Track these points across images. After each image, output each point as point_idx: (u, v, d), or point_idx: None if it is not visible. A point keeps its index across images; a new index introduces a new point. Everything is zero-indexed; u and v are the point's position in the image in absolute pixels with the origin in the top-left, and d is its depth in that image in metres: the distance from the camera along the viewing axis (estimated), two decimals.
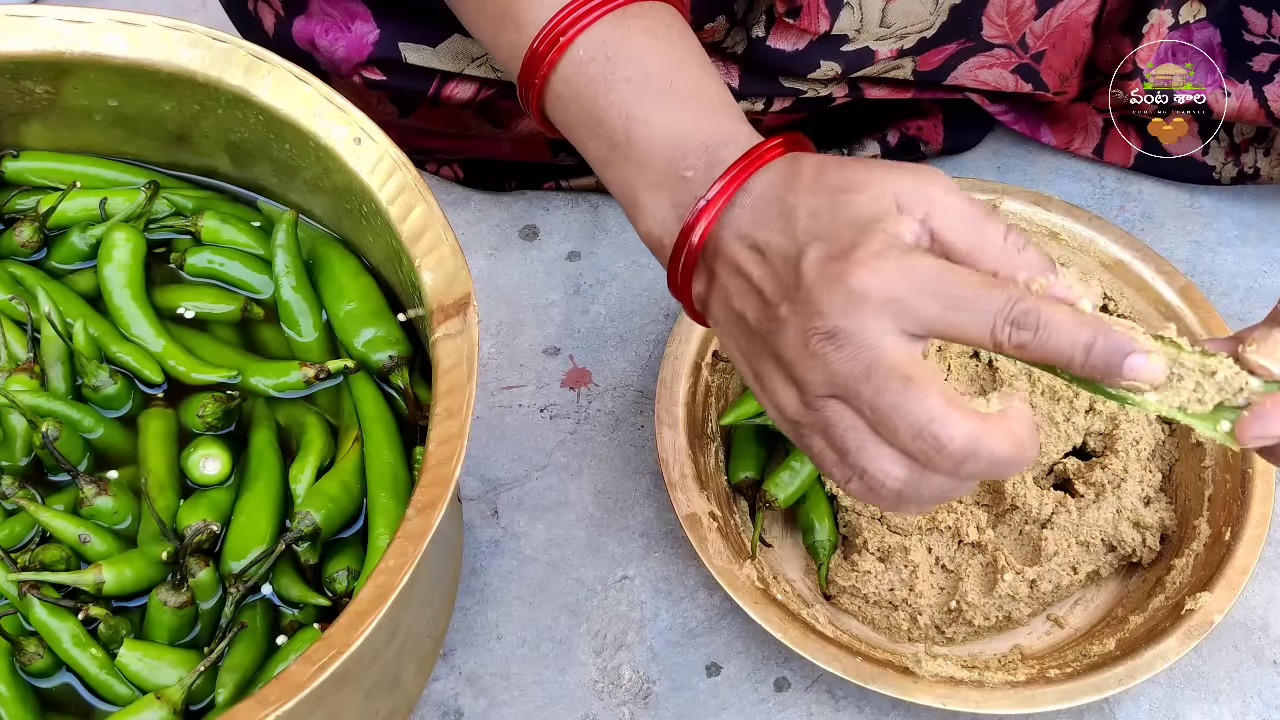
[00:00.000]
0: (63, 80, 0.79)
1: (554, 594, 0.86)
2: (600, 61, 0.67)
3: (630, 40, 0.68)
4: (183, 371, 0.77)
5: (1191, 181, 1.03)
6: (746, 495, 0.86)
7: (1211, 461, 0.85)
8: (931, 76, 0.93)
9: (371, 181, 0.74)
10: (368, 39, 0.87)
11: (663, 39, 0.68)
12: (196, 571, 0.70)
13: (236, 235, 0.82)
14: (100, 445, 0.75)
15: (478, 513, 0.89)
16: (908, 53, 0.89)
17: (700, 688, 0.83)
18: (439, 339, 0.69)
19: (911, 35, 0.88)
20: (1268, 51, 0.93)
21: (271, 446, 0.75)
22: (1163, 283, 0.91)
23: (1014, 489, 0.83)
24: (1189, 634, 0.78)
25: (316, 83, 0.76)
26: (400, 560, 0.62)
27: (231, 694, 0.68)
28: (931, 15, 0.87)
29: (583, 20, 0.68)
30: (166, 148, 0.84)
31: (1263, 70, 0.93)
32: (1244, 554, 0.80)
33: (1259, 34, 0.92)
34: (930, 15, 0.87)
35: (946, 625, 0.83)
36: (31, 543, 0.72)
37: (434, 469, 0.65)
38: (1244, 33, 0.92)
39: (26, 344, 0.76)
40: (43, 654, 0.68)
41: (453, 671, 0.83)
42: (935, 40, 0.89)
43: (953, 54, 0.91)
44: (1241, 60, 0.93)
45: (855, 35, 0.86)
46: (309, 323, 0.79)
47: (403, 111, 0.93)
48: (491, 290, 0.98)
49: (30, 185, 0.84)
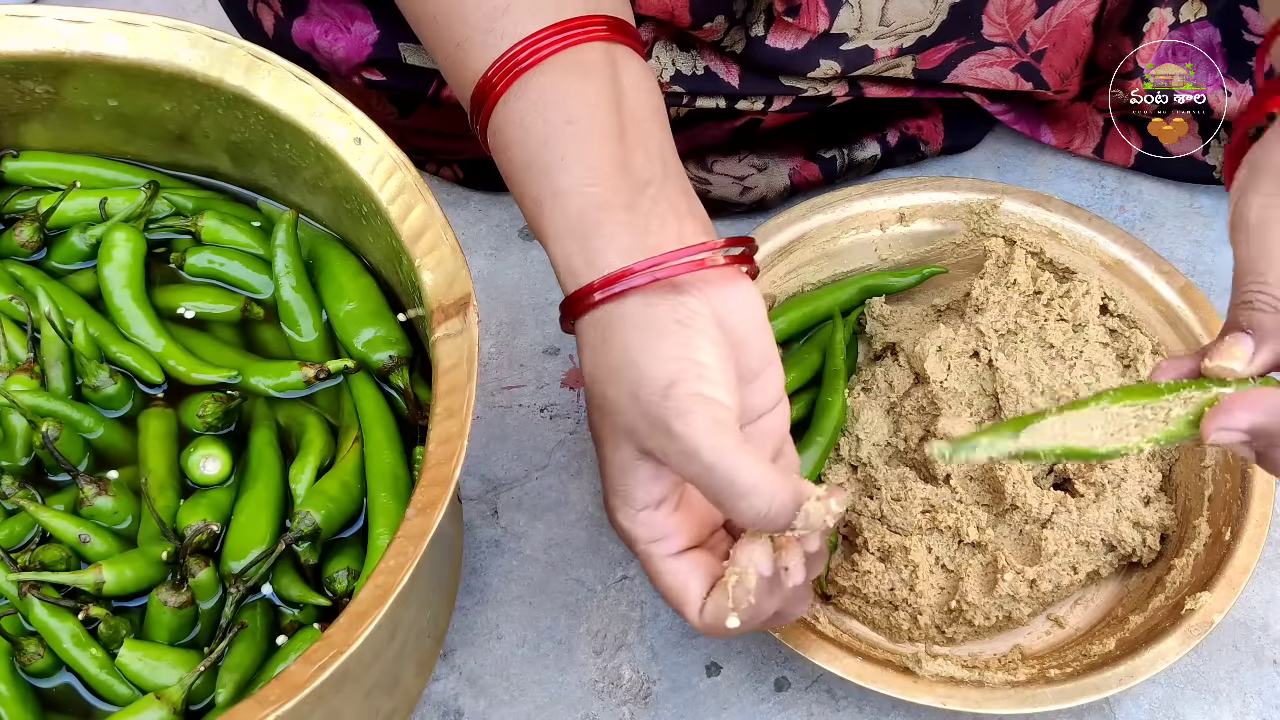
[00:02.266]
0: (63, 80, 0.79)
1: (554, 594, 0.86)
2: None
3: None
4: (183, 371, 0.77)
5: (1192, 181, 1.03)
6: None
7: (1212, 461, 0.85)
8: (932, 75, 0.93)
9: (371, 181, 0.74)
10: (367, 39, 0.87)
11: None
12: (196, 571, 0.70)
13: (236, 235, 0.82)
14: (100, 445, 0.75)
15: (478, 513, 0.89)
16: (907, 51, 0.89)
17: (700, 688, 0.83)
18: (439, 339, 0.69)
19: (911, 33, 0.88)
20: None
21: (271, 446, 0.75)
22: (1163, 282, 0.91)
23: (1014, 489, 0.83)
24: (1189, 634, 0.78)
25: (316, 83, 0.76)
26: (400, 560, 0.62)
27: (231, 694, 0.68)
28: (931, 14, 0.87)
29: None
30: (166, 148, 0.84)
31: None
32: (1244, 554, 0.80)
33: (1259, 33, 0.92)
34: (930, 14, 0.87)
35: (947, 625, 0.83)
36: (31, 543, 0.72)
37: (434, 469, 0.65)
38: (1244, 32, 0.92)
39: (26, 344, 0.76)
40: (43, 654, 0.68)
41: (453, 671, 0.83)
42: (935, 39, 0.89)
43: (953, 52, 0.91)
44: (1242, 60, 0.93)
45: (855, 34, 0.86)
46: (309, 323, 0.79)
47: (402, 112, 0.93)
48: (491, 290, 0.98)
49: (30, 185, 0.84)
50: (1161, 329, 0.90)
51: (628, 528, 0.65)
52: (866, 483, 0.85)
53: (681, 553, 0.66)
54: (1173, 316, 0.90)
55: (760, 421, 0.67)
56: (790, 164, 0.99)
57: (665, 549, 0.65)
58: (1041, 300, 0.89)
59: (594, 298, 0.62)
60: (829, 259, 0.94)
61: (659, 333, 0.61)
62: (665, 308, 0.61)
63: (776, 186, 0.99)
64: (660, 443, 0.61)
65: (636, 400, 0.61)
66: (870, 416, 0.87)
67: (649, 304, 0.62)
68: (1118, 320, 0.91)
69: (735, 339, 0.64)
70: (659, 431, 0.60)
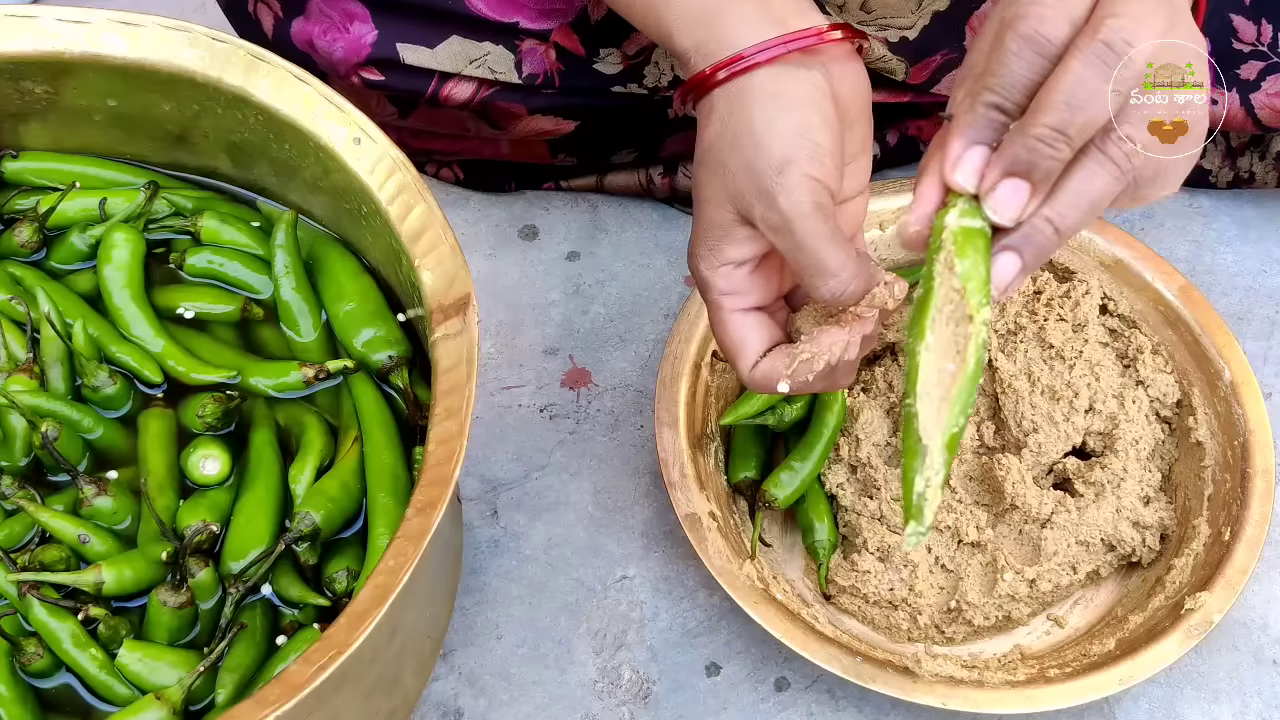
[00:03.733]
0: (62, 80, 0.79)
1: (554, 594, 0.86)
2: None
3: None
4: (182, 372, 0.77)
5: (1187, 184, 1.03)
6: (746, 495, 0.86)
7: (1211, 461, 0.85)
8: (923, 88, 0.93)
9: (371, 181, 0.74)
10: (366, 39, 0.87)
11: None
12: (196, 572, 0.70)
13: (236, 235, 0.82)
14: (100, 445, 0.75)
15: (477, 513, 0.89)
16: (895, 49, 0.89)
17: (700, 687, 0.83)
18: (438, 339, 0.69)
19: (893, 29, 0.88)
20: (1256, 59, 0.93)
21: (271, 447, 0.75)
22: (1162, 282, 0.91)
23: (1014, 489, 0.83)
24: (1189, 634, 0.78)
25: (316, 83, 0.76)
26: (400, 560, 0.62)
27: (231, 694, 0.68)
28: (914, 16, 0.87)
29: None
30: (166, 148, 0.84)
31: (1250, 78, 0.93)
32: (1243, 554, 0.80)
33: (1248, 42, 0.93)
34: (912, 14, 0.87)
35: (946, 625, 0.83)
36: (31, 543, 0.72)
37: (433, 469, 0.65)
38: (1233, 40, 0.93)
39: (26, 344, 0.76)
40: (42, 654, 0.68)
41: (452, 672, 0.83)
42: (919, 45, 0.89)
43: (939, 65, 0.92)
44: (1230, 68, 0.93)
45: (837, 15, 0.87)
46: (308, 323, 0.79)
47: (402, 112, 0.93)
48: (491, 290, 0.98)
49: (30, 185, 0.84)
50: (1161, 329, 0.90)
51: (707, 276, 0.69)
52: (866, 483, 0.85)
53: (749, 310, 0.69)
54: (1172, 316, 0.90)
55: (847, 205, 0.70)
56: None
57: (736, 303, 0.69)
58: (1041, 300, 0.90)
59: (732, 69, 0.66)
60: None
61: (783, 106, 0.65)
62: (792, 82, 0.65)
63: None
64: (764, 213, 0.65)
65: (752, 171, 0.65)
66: (870, 416, 0.87)
67: (777, 77, 0.65)
68: (1117, 320, 0.91)
69: (846, 118, 0.67)
70: (764, 203, 0.65)
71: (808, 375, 0.67)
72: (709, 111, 0.68)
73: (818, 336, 0.67)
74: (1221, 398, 0.86)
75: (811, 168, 0.64)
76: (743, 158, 0.65)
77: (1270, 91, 0.92)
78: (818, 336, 0.67)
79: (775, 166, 0.64)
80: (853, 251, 0.65)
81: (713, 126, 0.67)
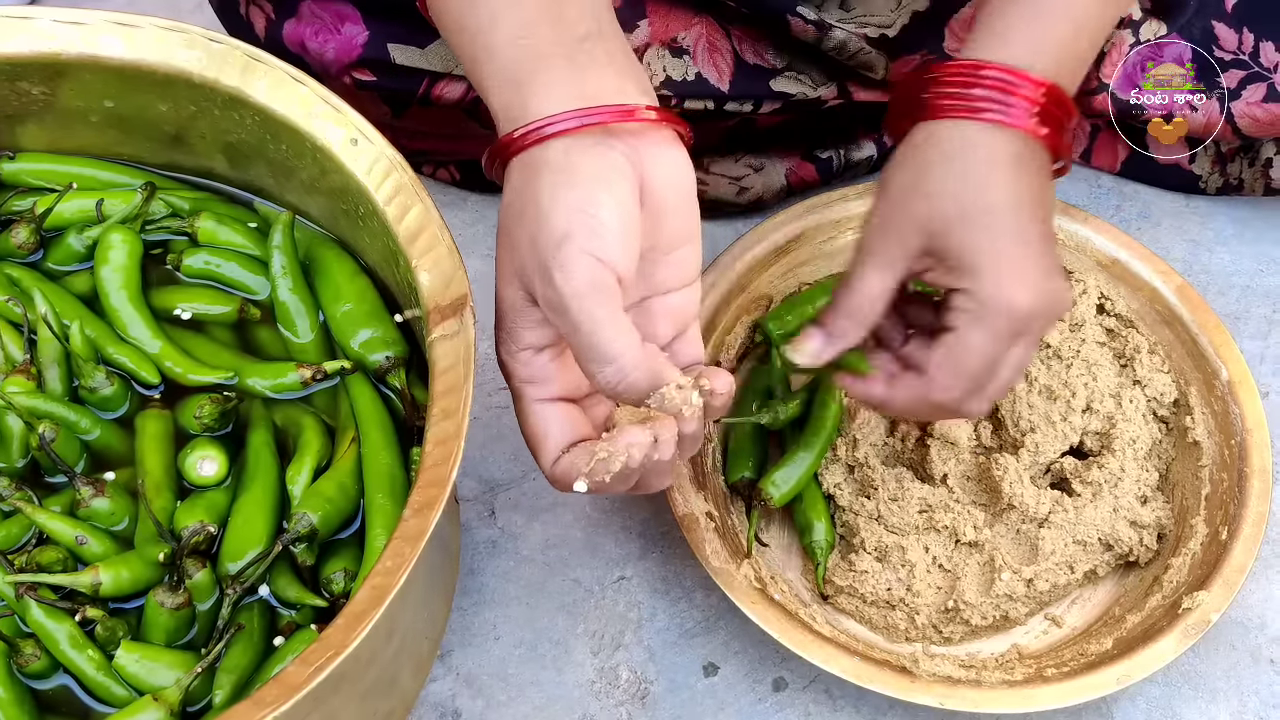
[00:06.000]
0: (59, 81, 0.79)
1: (551, 594, 0.86)
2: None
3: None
4: (179, 373, 0.77)
5: (1177, 190, 1.03)
6: (744, 495, 0.86)
7: (1208, 460, 0.85)
8: None
9: (368, 182, 0.74)
10: (357, 40, 0.87)
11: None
12: (193, 573, 0.70)
13: (233, 236, 0.82)
14: (97, 447, 0.75)
15: (475, 513, 0.89)
16: (874, 44, 0.89)
17: (698, 688, 0.83)
18: (436, 340, 0.69)
19: (872, 25, 0.88)
20: (1237, 68, 0.93)
21: (268, 447, 0.75)
22: (1159, 282, 0.91)
23: (1011, 488, 0.83)
24: (1186, 633, 0.78)
25: (313, 83, 0.76)
26: (397, 561, 0.62)
27: (229, 695, 0.68)
28: (893, 14, 0.88)
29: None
30: (163, 149, 0.84)
31: (1231, 86, 0.93)
32: (1241, 553, 0.80)
33: (1229, 50, 0.93)
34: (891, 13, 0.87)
35: (944, 625, 0.83)
36: (28, 544, 0.72)
37: (431, 470, 0.65)
38: (1214, 48, 0.93)
39: (23, 345, 0.76)
40: (40, 655, 0.68)
41: (450, 672, 0.83)
42: (898, 42, 0.89)
43: (918, 65, 0.92)
44: (1210, 76, 0.93)
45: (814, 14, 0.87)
46: (306, 324, 0.79)
47: (395, 112, 0.93)
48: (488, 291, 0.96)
49: (27, 187, 0.84)
50: (1158, 328, 0.90)
51: (507, 362, 0.67)
52: (863, 483, 0.85)
53: (552, 400, 0.67)
54: (1169, 315, 0.90)
55: (668, 298, 0.67)
56: (787, 164, 0.99)
57: (537, 392, 0.67)
58: None
59: (525, 140, 0.63)
60: (826, 259, 0.94)
61: (571, 182, 0.62)
62: (587, 158, 0.62)
63: (773, 187, 0.99)
64: (544, 290, 0.62)
65: (534, 245, 0.62)
66: (867, 417, 0.87)
67: (571, 151, 0.62)
68: (1114, 319, 0.91)
69: (655, 205, 0.64)
70: (543, 280, 0.62)
71: (604, 476, 0.63)
72: (507, 181, 0.65)
73: (616, 436, 0.63)
74: (1219, 397, 0.86)
75: (590, 244, 0.60)
76: (527, 232, 0.62)
77: (1250, 100, 0.93)
78: (616, 436, 0.63)
79: (554, 241, 0.61)
80: (635, 340, 0.61)
81: (506, 197, 0.65)
